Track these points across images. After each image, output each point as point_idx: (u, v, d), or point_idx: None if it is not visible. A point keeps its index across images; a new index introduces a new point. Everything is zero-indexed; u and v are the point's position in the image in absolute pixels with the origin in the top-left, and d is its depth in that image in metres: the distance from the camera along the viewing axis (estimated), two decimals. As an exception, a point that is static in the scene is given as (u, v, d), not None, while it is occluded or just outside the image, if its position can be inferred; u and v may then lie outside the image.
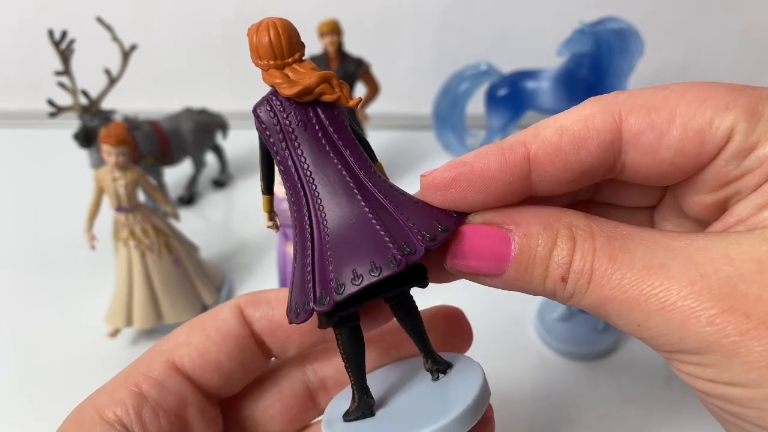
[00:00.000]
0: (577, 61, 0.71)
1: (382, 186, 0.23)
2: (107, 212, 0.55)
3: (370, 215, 0.22)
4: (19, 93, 0.98)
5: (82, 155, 0.74)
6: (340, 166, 0.23)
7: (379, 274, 0.21)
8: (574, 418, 0.50)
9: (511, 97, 0.76)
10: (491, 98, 0.78)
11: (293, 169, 0.23)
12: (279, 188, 0.54)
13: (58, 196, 0.81)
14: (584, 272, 0.20)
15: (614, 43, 0.69)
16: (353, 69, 0.70)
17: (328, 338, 0.29)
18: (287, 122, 0.23)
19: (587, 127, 0.21)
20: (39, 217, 0.78)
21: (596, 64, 0.70)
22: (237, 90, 1.00)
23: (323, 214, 0.23)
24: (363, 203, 0.23)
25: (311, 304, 0.22)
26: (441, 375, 0.26)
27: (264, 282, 0.65)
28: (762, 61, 0.95)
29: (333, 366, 0.31)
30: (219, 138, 0.81)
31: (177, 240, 0.59)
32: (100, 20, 0.68)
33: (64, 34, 0.66)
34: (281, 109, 0.23)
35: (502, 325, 0.58)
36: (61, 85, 0.66)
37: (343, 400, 0.28)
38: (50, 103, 0.66)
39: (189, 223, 0.69)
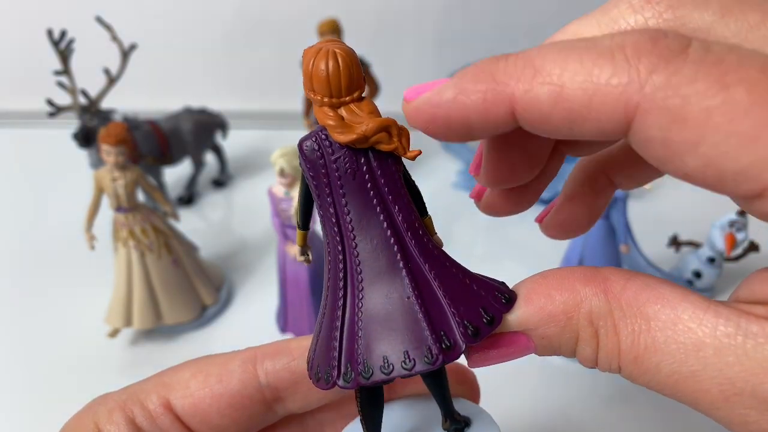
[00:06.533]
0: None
1: (428, 254, 0.21)
2: (107, 212, 0.55)
3: (411, 292, 0.20)
4: (18, 93, 0.98)
5: (82, 155, 0.74)
6: (386, 225, 0.21)
7: (411, 369, 0.19)
8: (575, 420, 0.50)
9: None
10: (491, 98, 0.77)
11: (333, 219, 0.21)
12: (278, 188, 0.54)
13: (58, 196, 0.81)
14: (612, 368, 0.19)
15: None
16: (353, 69, 0.70)
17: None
18: (334, 166, 0.21)
19: (590, 103, 0.16)
20: (38, 216, 0.78)
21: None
22: (237, 90, 1.00)
23: (360, 278, 0.21)
24: (405, 275, 0.20)
25: (334, 377, 0.20)
26: None
27: (264, 282, 0.64)
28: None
29: (333, 412, 0.31)
30: (219, 138, 0.81)
31: (176, 240, 0.59)
32: (99, 20, 0.68)
33: (63, 34, 0.66)
34: (330, 150, 0.21)
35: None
36: (61, 84, 0.66)
37: None
38: (50, 102, 0.66)
39: (189, 223, 0.69)
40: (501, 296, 0.20)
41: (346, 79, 0.20)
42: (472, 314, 0.20)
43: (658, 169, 0.19)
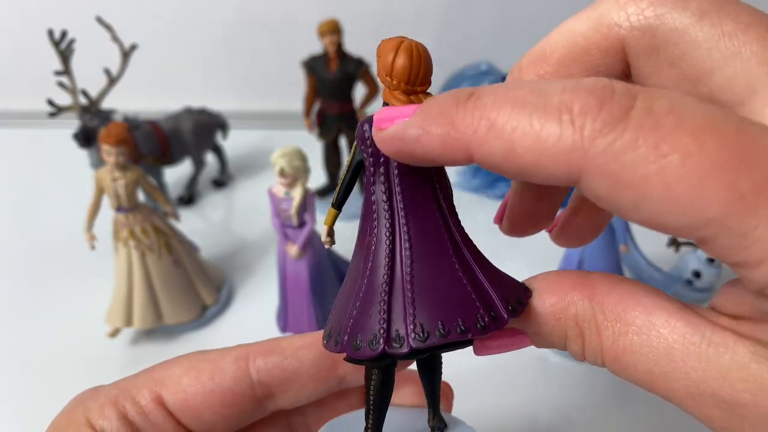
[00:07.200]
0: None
1: (468, 240, 0.23)
2: (107, 212, 0.55)
3: (459, 269, 0.22)
4: (19, 93, 0.98)
5: (82, 155, 0.74)
6: (434, 207, 0.23)
7: (465, 333, 0.20)
8: (574, 420, 0.50)
9: (511, 97, 0.76)
10: (491, 98, 0.77)
11: (386, 196, 0.22)
12: (278, 188, 0.54)
13: (58, 196, 0.81)
14: (597, 363, 0.21)
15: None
16: (353, 69, 0.70)
17: (343, 384, 0.29)
18: None
19: (537, 162, 0.17)
20: (39, 217, 0.78)
21: (596, 63, 0.70)
22: (237, 90, 1.00)
23: (407, 252, 0.22)
24: (452, 254, 0.22)
25: (381, 344, 0.21)
26: None
27: (264, 282, 0.65)
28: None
29: (319, 409, 0.32)
30: (219, 138, 0.81)
31: (177, 240, 0.59)
32: (100, 20, 0.68)
33: (63, 34, 0.66)
34: None
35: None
36: (61, 85, 0.66)
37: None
38: (50, 103, 0.66)
39: (189, 223, 0.69)
40: (522, 286, 0.23)
41: (424, 70, 0.22)
42: (509, 295, 0.22)
43: None
